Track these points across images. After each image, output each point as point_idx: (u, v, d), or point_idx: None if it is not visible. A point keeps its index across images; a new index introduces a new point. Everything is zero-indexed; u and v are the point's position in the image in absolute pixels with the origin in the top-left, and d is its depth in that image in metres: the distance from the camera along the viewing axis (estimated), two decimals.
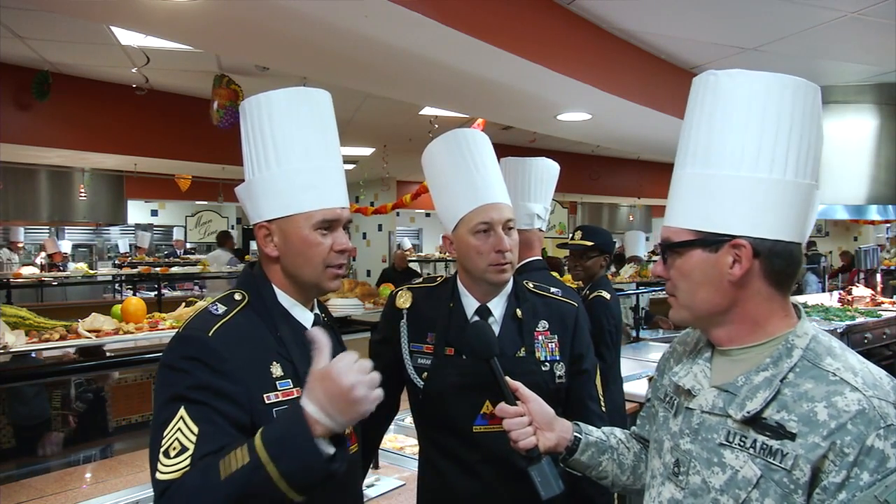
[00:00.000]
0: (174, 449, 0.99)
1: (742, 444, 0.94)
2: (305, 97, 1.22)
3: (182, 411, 1.01)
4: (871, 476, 0.83)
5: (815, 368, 0.92)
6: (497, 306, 1.53)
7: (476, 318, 1.52)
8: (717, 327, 1.03)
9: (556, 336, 1.53)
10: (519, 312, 1.53)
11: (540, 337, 1.52)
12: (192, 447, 0.99)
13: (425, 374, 1.52)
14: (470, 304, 1.54)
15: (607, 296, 2.67)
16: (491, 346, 1.28)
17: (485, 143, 1.58)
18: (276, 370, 1.14)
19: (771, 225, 0.96)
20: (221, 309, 1.15)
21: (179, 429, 1.00)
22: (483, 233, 1.47)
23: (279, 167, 1.18)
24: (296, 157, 1.18)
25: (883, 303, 5.28)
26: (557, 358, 1.52)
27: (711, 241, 0.98)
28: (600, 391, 1.62)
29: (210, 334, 1.09)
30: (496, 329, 1.50)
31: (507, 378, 1.25)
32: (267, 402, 1.10)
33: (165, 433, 1.01)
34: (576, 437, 1.21)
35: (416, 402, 1.57)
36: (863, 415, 0.86)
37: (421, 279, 1.72)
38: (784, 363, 0.94)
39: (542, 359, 1.50)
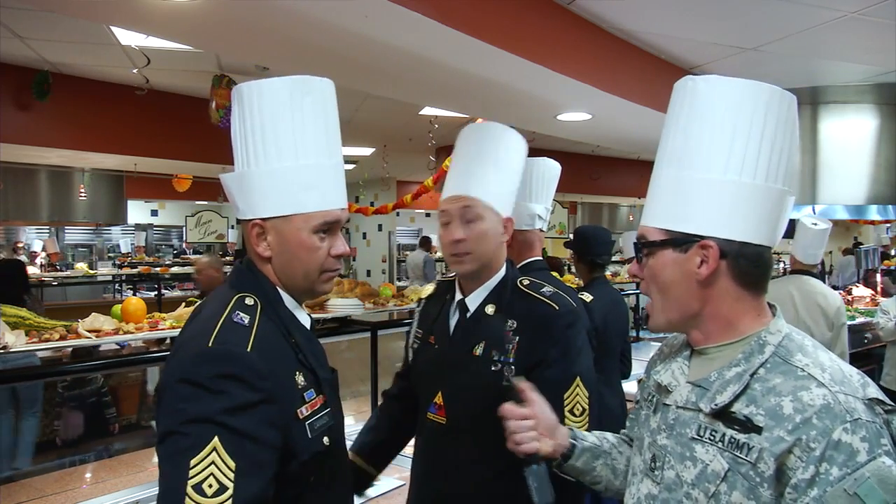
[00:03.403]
0: (210, 486, 0.91)
1: (712, 437, 0.95)
2: (308, 87, 1.12)
3: (216, 441, 0.93)
4: (841, 470, 0.83)
5: (785, 364, 0.94)
6: (473, 301, 1.54)
7: (457, 312, 1.55)
8: (691, 329, 1.05)
9: (517, 337, 1.46)
10: (489, 309, 1.51)
11: (501, 336, 1.48)
12: (231, 486, 0.92)
13: (412, 356, 1.62)
14: (458, 297, 1.57)
15: (587, 298, 2.67)
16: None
17: (492, 139, 1.58)
18: (301, 380, 1.07)
19: (739, 227, 0.98)
20: (245, 318, 1.04)
21: (213, 462, 0.92)
22: (444, 225, 1.51)
23: (279, 162, 1.08)
24: (296, 153, 1.09)
25: (883, 301, 5.27)
26: (510, 360, 1.44)
27: (681, 242, 1.00)
28: (577, 407, 1.46)
29: (248, 349, 1.00)
30: (454, 323, 1.55)
31: (520, 379, 1.23)
32: (300, 416, 1.05)
33: (194, 463, 0.91)
34: (571, 443, 1.21)
35: None
36: (828, 409, 0.86)
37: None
38: (756, 359, 0.95)
39: (495, 358, 1.45)
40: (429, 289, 1.71)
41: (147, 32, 3.37)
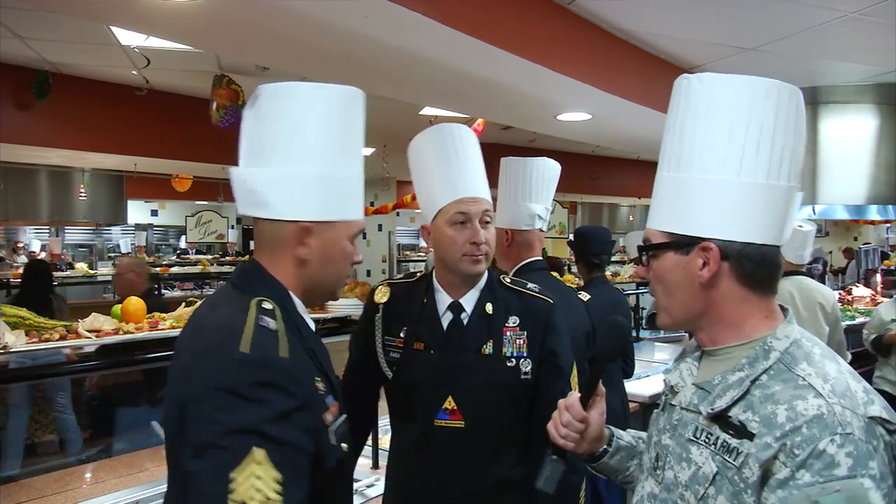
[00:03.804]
0: (254, 501, 0.87)
1: (707, 440, 0.94)
2: (355, 98, 1.14)
3: (259, 453, 0.89)
4: (813, 477, 0.81)
5: (787, 372, 0.92)
6: (469, 302, 1.54)
7: (449, 314, 1.54)
8: (698, 330, 1.04)
9: (524, 332, 1.52)
10: (489, 308, 1.53)
11: (508, 332, 1.52)
12: (276, 498, 0.88)
13: (395, 367, 1.55)
14: (443, 299, 1.55)
15: (585, 297, 2.68)
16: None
17: (469, 138, 1.59)
18: (320, 385, 1.05)
19: (740, 227, 0.96)
20: (272, 323, 1.01)
21: (258, 475, 0.88)
22: (459, 224, 1.50)
23: (333, 167, 1.08)
24: (349, 160, 1.11)
25: (882, 303, 5.27)
26: (524, 355, 1.51)
27: (683, 244, 0.99)
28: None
29: (282, 355, 0.98)
30: (446, 325, 1.53)
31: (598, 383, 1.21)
32: (326, 423, 1.04)
33: (234, 475, 0.87)
34: (604, 448, 1.21)
35: (387, 394, 1.61)
36: (819, 420, 0.84)
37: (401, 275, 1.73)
38: (760, 365, 0.94)
39: (508, 355, 1.50)
40: (384, 292, 1.66)
41: (147, 33, 3.37)
